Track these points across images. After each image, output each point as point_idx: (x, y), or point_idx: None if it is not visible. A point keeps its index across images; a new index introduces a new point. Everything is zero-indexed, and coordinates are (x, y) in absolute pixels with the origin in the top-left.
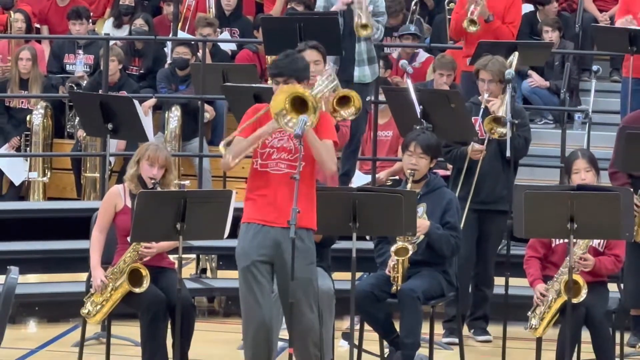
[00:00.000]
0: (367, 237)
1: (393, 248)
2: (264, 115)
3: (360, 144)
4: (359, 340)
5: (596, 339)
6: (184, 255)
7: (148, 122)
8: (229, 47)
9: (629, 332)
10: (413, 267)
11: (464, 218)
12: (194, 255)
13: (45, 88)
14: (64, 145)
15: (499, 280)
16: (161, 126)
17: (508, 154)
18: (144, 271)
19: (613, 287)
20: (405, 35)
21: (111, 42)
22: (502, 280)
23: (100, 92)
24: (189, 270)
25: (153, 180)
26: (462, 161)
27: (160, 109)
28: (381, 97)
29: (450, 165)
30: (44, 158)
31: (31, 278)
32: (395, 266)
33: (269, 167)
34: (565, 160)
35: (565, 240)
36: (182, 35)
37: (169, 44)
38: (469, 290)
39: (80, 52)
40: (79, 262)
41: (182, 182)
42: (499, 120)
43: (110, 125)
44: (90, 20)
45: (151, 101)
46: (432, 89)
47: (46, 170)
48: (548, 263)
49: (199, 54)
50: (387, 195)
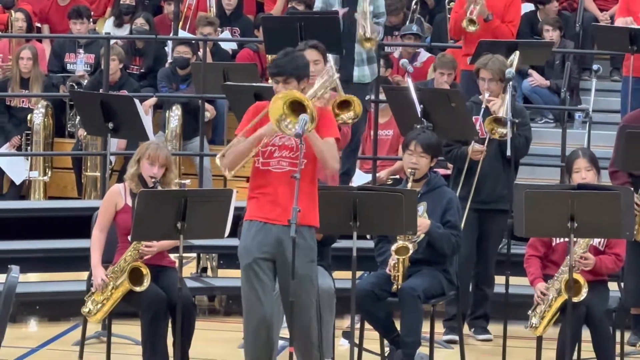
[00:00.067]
0: (368, 236)
1: (393, 247)
2: (264, 115)
3: (361, 143)
4: (360, 339)
5: (596, 338)
6: (184, 254)
7: (148, 122)
8: (229, 46)
9: (629, 331)
10: (413, 266)
11: (464, 218)
12: (194, 254)
13: (46, 87)
14: (64, 145)
15: (499, 279)
16: (162, 125)
17: (509, 153)
18: (145, 270)
19: (613, 286)
20: (407, 35)
21: (112, 41)
22: (503, 279)
23: (101, 91)
24: (189, 269)
25: (153, 179)
26: (463, 161)
27: (160, 108)
28: (382, 96)
29: (450, 165)
30: (45, 157)
31: (32, 277)
32: (396, 265)
33: (270, 166)
34: (566, 159)
35: (566, 239)
36: (183, 34)
37: (170, 43)
38: (470, 289)
39: (81, 52)
40: (79, 261)
41: (183, 181)
42: (499, 121)
43: (110, 125)
44: (91, 20)
45: (152, 100)
46: (433, 88)
47: (47, 170)
48: (548, 262)
49: (200, 53)
50: (388, 194)
